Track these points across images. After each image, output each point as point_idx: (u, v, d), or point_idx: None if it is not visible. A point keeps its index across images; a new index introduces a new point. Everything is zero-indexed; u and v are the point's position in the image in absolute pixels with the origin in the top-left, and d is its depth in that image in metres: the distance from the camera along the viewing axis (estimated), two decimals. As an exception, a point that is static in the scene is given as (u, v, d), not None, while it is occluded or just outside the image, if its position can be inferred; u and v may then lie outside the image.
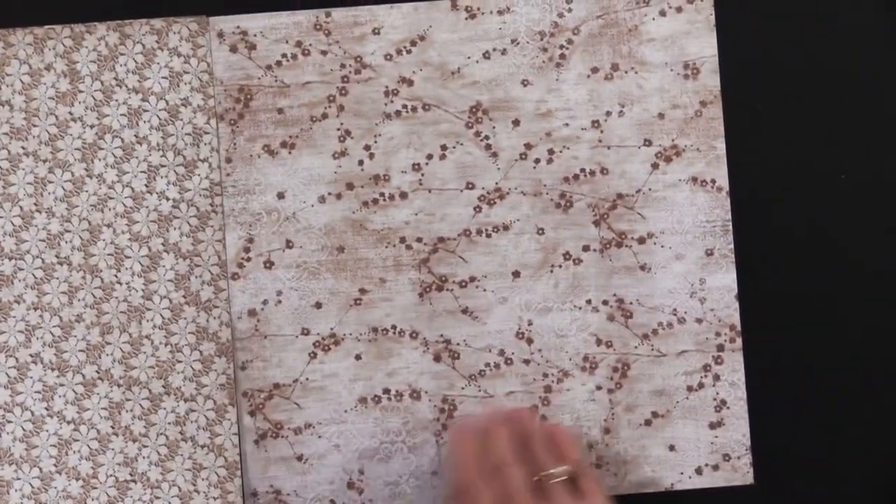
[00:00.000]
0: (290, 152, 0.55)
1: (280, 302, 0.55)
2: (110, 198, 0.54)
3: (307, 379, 0.55)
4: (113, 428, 0.54)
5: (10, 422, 0.54)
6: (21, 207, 0.54)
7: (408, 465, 0.55)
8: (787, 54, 0.56)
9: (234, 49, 0.55)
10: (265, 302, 0.55)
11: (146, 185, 0.54)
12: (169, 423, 0.54)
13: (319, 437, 0.55)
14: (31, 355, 0.54)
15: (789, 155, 0.56)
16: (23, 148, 0.54)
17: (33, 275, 0.54)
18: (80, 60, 0.54)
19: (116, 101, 0.54)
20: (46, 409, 0.54)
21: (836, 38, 0.56)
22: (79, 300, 0.54)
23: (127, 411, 0.54)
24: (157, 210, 0.54)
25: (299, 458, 0.55)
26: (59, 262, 0.54)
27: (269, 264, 0.55)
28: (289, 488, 0.54)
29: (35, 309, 0.54)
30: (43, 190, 0.54)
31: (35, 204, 0.54)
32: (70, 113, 0.54)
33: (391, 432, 0.55)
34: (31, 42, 0.54)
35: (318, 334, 0.55)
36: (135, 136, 0.54)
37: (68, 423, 0.54)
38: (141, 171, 0.54)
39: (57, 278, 0.54)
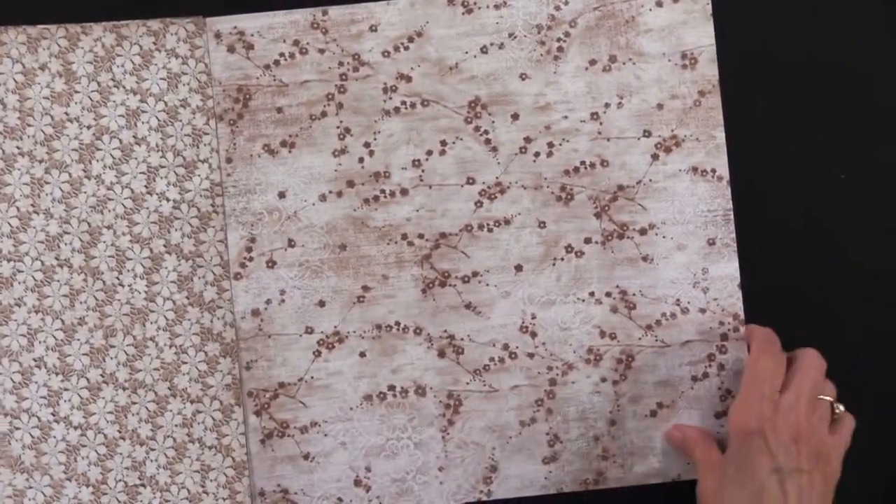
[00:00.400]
0: (290, 151, 0.55)
1: (283, 301, 0.55)
2: (109, 199, 0.54)
3: (312, 377, 0.55)
4: (120, 432, 0.54)
5: (17, 428, 0.53)
6: (18, 208, 0.53)
7: (414, 461, 0.55)
8: (785, 43, 0.56)
9: (231, 49, 0.55)
10: (268, 301, 0.55)
11: (146, 187, 0.54)
12: (176, 426, 0.54)
13: (325, 435, 0.55)
14: (34, 359, 0.54)
15: (788, 143, 0.56)
16: (17, 148, 0.53)
17: (33, 277, 0.53)
18: (76, 61, 0.54)
19: (114, 102, 0.54)
20: (53, 414, 0.54)
21: (833, 28, 0.56)
22: (80, 303, 0.54)
23: (133, 414, 0.54)
24: (158, 211, 0.54)
25: (306, 457, 0.55)
26: (60, 265, 0.53)
27: (271, 264, 0.55)
28: (296, 487, 0.55)
29: (36, 312, 0.54)
30: (40, 191, 0.53)
31: (32, 205, 0.53)
32: (66, 113, 0.54)
33: (397, 429, 0.55)
34: (25, 41, 0.53)
35: (322, 332, 0.55)
36: (133, 137, 0.54)
37: (75, 428, 0.54)
38: (140, 173, 0.54)
39: (57, 281, 0.53)
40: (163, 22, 0.55)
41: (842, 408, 0.51)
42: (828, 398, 0.51)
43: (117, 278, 0.54)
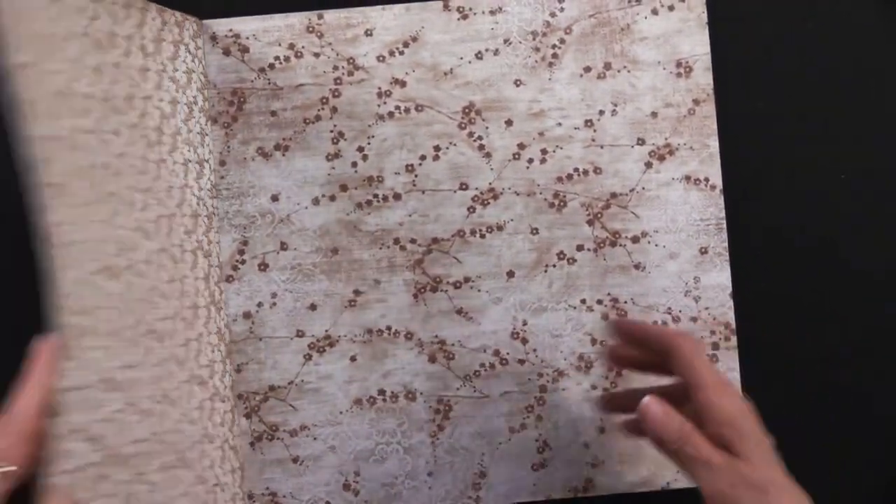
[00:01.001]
0: (283, 154, 0.55)
1: (275, 304, 0.55)
2: (171, 187, 0.51)
3: (302, 381, 0.55)
4: (203, 430, 0.51)
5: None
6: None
7: (403, 465, 0.55)
8: (780, 52, 0.56)
9: (227, 52, 0.55)
10: (260, 304, 0.55)
11: (183, 178, 0.52)
12: (218, 424, 0.53)
13: (315, 438, 0.55)
14: (178, 345, 0.50)
15: (782, 153, 0.56)
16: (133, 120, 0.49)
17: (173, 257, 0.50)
18: (147, 36, 0.51)
19: (162, 87, 0.51)
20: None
21: (828, 36, 0.56)
22: (176, 290, 0.51)
23: (203, 411, 0.52)
24: (190, 205, 0.52)
25: (295, 461, 0.55)
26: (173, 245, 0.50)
27: (263, 266, 0.55)
28: (285, 490, 0.55)
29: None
30: (144, 168, 0.49)
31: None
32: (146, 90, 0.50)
33: (386, 433, 0.55)
34: (114, 2, 0.48)
35: (313, 336, 0.55)
36: (175, 126, 0.52)
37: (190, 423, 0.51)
38: (180, 164, 0.52)
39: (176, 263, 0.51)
40: (183, 16, 0.53)
41: None
42: None
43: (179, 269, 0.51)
